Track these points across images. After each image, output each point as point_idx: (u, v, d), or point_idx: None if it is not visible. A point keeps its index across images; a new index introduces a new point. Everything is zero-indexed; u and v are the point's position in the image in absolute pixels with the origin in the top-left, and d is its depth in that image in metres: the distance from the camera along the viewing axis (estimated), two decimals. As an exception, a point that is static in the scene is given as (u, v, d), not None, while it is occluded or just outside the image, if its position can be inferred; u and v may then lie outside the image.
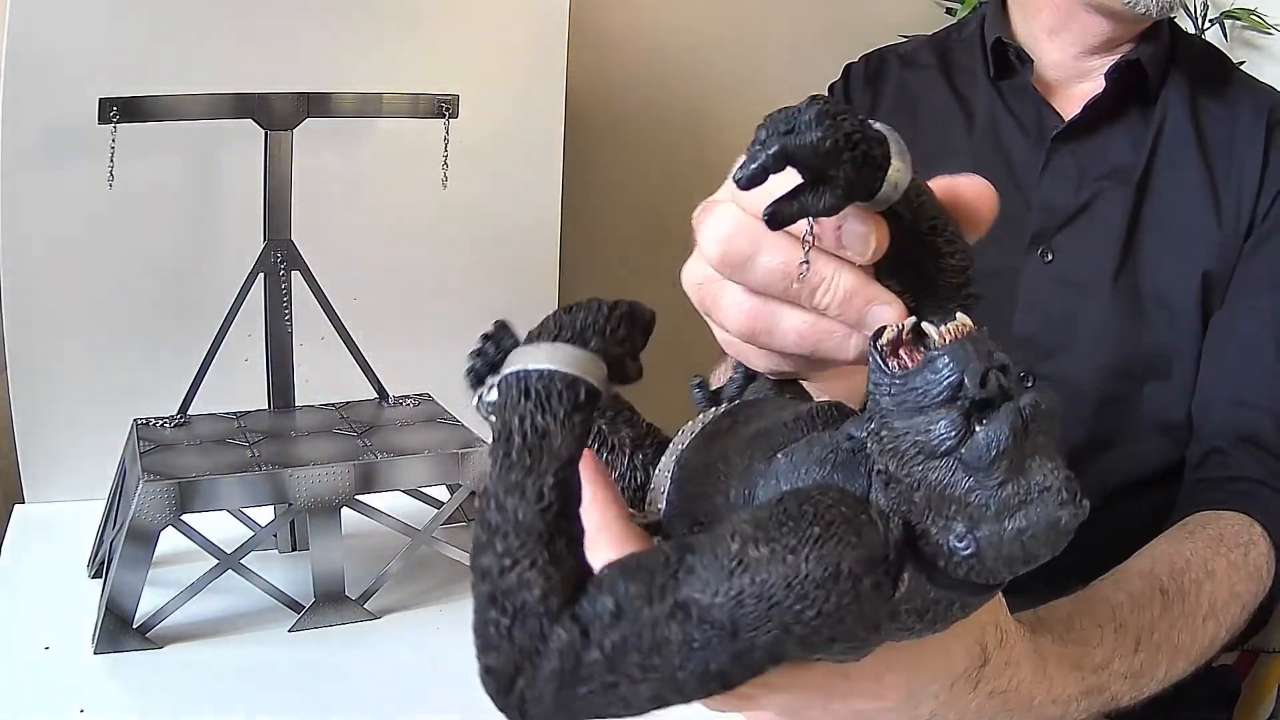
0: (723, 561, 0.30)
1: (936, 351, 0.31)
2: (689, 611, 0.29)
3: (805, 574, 0.29)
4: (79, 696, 0.71)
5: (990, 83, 0.98)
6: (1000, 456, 0.30)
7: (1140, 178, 0.91)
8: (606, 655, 0.29)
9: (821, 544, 0.30)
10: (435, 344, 1.06)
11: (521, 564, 0.30)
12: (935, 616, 0.33)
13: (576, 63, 1.23)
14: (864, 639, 0.32)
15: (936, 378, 0.31)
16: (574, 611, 0.30)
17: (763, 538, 0.30)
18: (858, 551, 0.30)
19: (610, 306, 0.34)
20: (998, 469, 0.30)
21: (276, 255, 0.92)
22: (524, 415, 0.31)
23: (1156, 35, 0.93)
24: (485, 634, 0.30)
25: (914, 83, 1.03)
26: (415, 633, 0.83)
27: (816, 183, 0.34)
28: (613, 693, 0.30)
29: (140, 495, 0.78)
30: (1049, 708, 0.52)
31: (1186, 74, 0.93)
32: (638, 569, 0.30)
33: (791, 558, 0.30)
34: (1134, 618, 0.63)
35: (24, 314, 1.01)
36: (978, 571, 0.31)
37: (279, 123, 0.91)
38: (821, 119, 0.33)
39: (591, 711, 0.30)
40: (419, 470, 0.87)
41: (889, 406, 0.32)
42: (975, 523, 0.31)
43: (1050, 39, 0.95)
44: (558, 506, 0.31)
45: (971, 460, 0.30)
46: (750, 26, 1.62)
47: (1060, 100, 0.95)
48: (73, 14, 0.97)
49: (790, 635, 0.30)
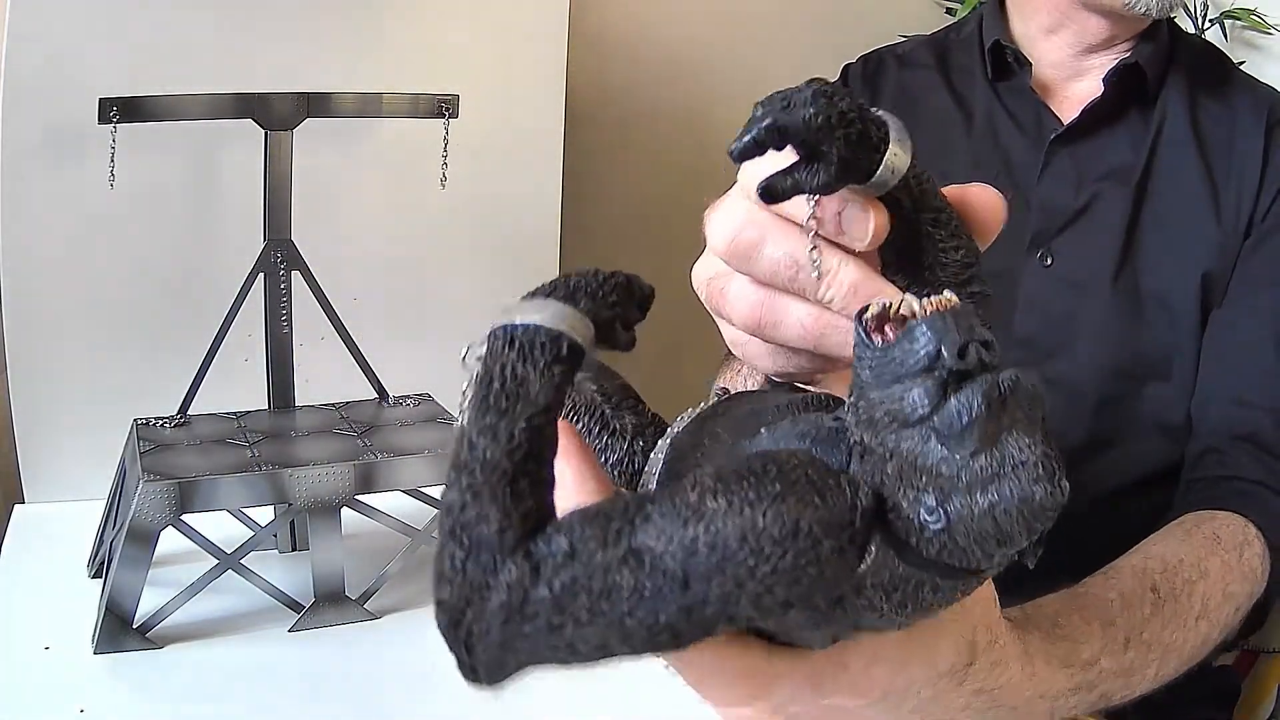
0: (680, 510, 0.29)
1: (915, 322, 0.31)
2: (641, 558, 0.29)
3: (761, 528, 0.29)
4: (79, 696, 0.71)
5: (988, 84, 0.98)
6: (972, 425, 0.30)
7: (1139, 179, 0.91)
8: (554, 595, 0.29)
9: (782, 500, 0.29)
10: (435, 344, 1.06)
11: (482, 498, 0.30)
12: (905, 598, 0.32)
13: (576, 63, 1.23)
14: (825, 612, 0.32)
15: (914, 347, 0.30)
16: (528, 549, 0.30)
17: (722, 489, 0.30)
18: (819, 512, 0.30)
19: (606, 273, 0.34)
20: (970, 438, 0.30)
21: (276, 255, 0.92)
22: (505, 364, 0.32)
23: (1155, 36, 0.93)
24: (440, 567, 0.30)
25: (912, 83, 1.03)
26: (415, 633, 0.83)
27: (811, 159, 0.34)
28: (558, 635, 0.30)
29: (140, 495, 0.78)
30: (1037, 704, 0.52)
31: (1185, 74, 0.93)
32: (597, 514, 0.30)
33: (749, 510, 0.29)
34: (1124, 616, 0.62)
35: (24, 314, 1.01)
36: (949, 550, 0.31)
37: (279, 123, 0.91)
38: (817, 97, 0.34)
39: (536, 653, 0.30)
40: (419, 470, 0.87)
41: (868, 379, 0.32)
42: (946, 495, 0.30)
43: (1048, 39, 0.95)
44: (526, 449, 0.31)
45: (943, 428, 0.30)
46: (750, 26, 1.62)
47: (1058, 101, 0.95)
48: (73, 14, 0.97)
49: (743, 591, 0.29)
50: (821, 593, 0.30)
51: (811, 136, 0.34)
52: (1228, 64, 0.98)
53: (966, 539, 0.30)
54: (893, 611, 0.33)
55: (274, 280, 0.92)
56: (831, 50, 1.29)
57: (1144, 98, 0.93)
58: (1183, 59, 0.94)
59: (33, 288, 1.01)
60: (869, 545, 0.31)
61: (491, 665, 0.31)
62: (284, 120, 0.91)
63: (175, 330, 1.04)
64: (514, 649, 0.30)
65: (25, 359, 1.02)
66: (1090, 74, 0.94)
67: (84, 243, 1.02)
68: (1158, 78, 0.92)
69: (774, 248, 0.38)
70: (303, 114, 0.91)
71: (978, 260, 0.39)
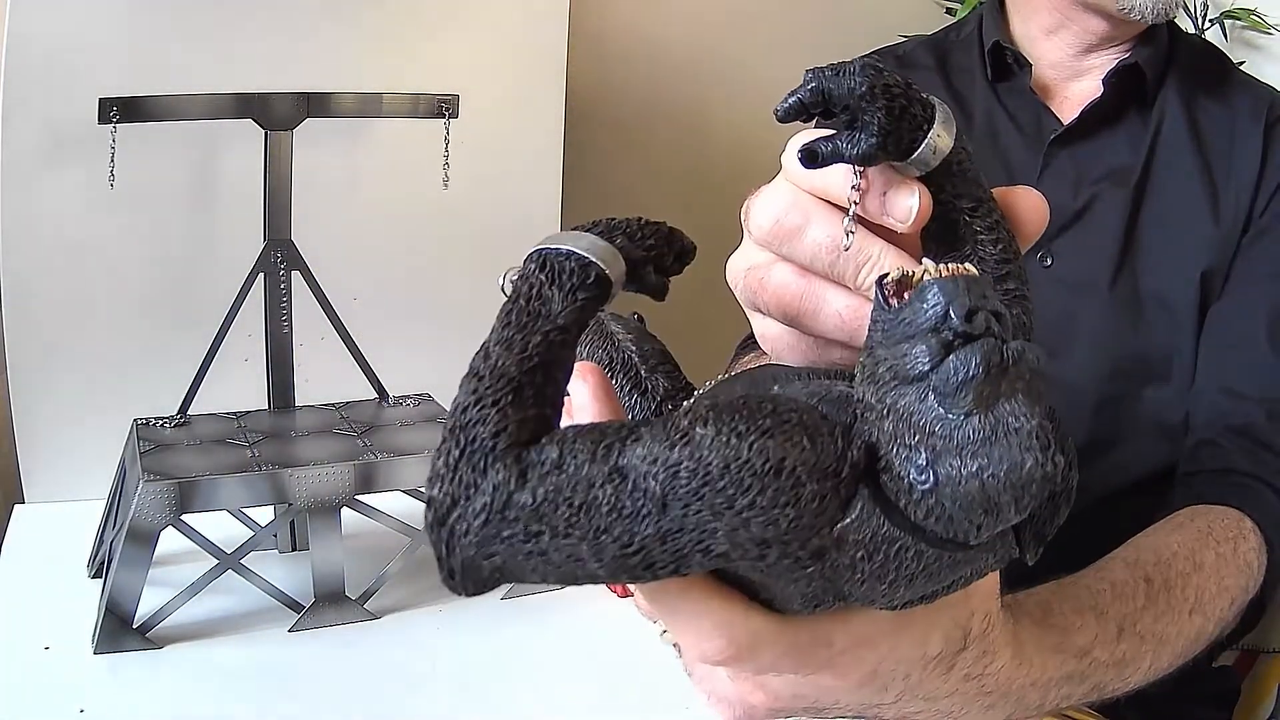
0: (669, 433, 0.30)
1: (928, 282, 0.31)
2: (625, 475, 0.30)
3: (745, 460, 0.29)
4: (79, 696, 0.71)
5: (988, 85, 0.98)
6: (968, 384, 0.29)
7: (1138, 179, 0.91)
8: (536, 501, 0.30)
9: (770, 436, 0.30)
10: (435, 344, 1.06)
11: (485, 401, 0.31)
12: (886, 561, 0.32)
13: (576, 63, 1.23)
14: (804, 563, 0.31)
15: (923, 306, 0.31)
16: (519, 454, 0.30)
17: (713, 419, 0.30)
18: (805, 454, 0.30)
19: (646, 219, 0.36)
20: (965, 398, 0.30)
21: (276, 255, 0.92)
22: (534, 283, 0.33)
23: (1155, 38, 0.93)
24: (436, 464, 0.31)
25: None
26: (415, 633, 0.83)
27: (852, 127, 0.35)
28: (534, 543, 0.30)
29: (140, 495, 0.78)
30: (1029, 693, 0.51)
31: (1184, 75, 0.93)
32: (591, 430, 0.31)
33: (735, 441, 0.29)
34: (1116, 606, 0.62)
35: (24, 314, 1.01)
36: (937, 515, 0.30)
37: (279, 123, 0.91)
38: (866, 69, 0.35)
39: (510, 561, 0.31)
40: (419, 470, 0.87)
41: (878, 339, 0.32)
42: (937, 455, 0.30)
43: (1048, 38, 0.95)
44: (537, 361, 0.31)
45: (940, 385, 0.30)
46: (750, 27, 1.62)
47: (1058, 102, 0.95)
48: (73, 14, 0.97)
49: (719, 522, 0.29)
50: (799, 538, 0.30)
51: (855, 103, 0.34)
52: (1227, 64, 0.98)
53: (953, 504, 0.30)
54: (874, 577, 0.32)
55: (274, 280, 0.92)
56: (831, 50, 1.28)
57: (1143, 98, 0.93)
58: (1182, 59, 0.94)
59: (33, 288, 1.01)
60: (854, 500, 0.31)
61: (468, 567, 0.31)
62: (284, 120, 0.91)
63: (175, 330, 1.04)
64: (490, 553, 0.30)
65: (25, 359, 1.02)
66: (1090, 74, 0.95)
67: (84, 243, 1.02)
68: (1157, 78, 0.93)
69: (817, 230, 0.38)
70: (303, 114, 0.91)
71: (1017, 258, 0.39)
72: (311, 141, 0.93)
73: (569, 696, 0.76)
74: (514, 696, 0.75)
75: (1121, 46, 0.93)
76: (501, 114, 1.15)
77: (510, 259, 0.48)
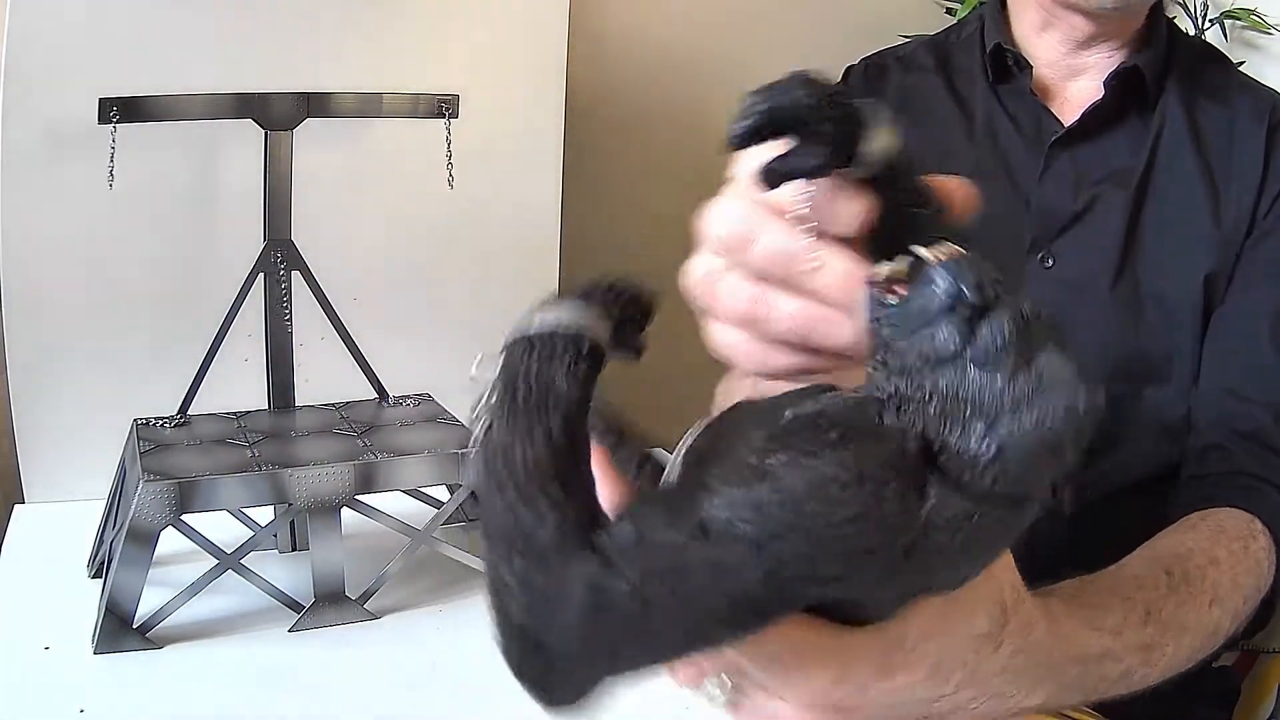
0: (741, 474, 0.29)
1: (931, 268, 0.31)
2: (710, 530, 0.28)
3: (829, 475, 0.29)
4: (79, 696, 0.71)
5: (989, 87, 0.98)
6: (1007, 347, 0.30)
7: (1140, 181, 0.91)
8: (631, 584, 0.28)
9: (842, 447, 0.29)
10: (435, 344, 1.07)
11: (534, 502, 0.29)
12: (968, 537, 0.32)
13: (576, 63, 1.23)
14: (899, 558, 0.31)
15: (935, 290, 0.31)
16: (593, 543, 0.29)
17: (778, 447, 0.29)
18: (878, 453, 0.30)
19: (613, 279, 0.35)
20: (1006, 361, 0.30)
21: (276, 255, 0.92)
22: (528, 368, 0.32)
23: (1154, 40, 0.93)
24: (500, 594, 0.29)
25: (913, 86, 1.03)
26: (415, 633, 0.83)
27: (804, 142, 0.35)
28: (642, 625, 0.29)
29: (140, 495, 0.78)
30: (1068, 667, 0.52)
31: (1185, 77, 0.93)
32: (654, 498, 0.30)
33: (812, 461, 0.29)
34: (1140, 594, 0.63)
35: (24, 314, 1.01)
36: (1003, 477, 0.31)
37: (279, 123, 0.91)
38: (805, 82, 0.35)
39: (620, 655, 0.29)
40: (419, 470, 0.87)
41: (890, 335, 0.32)
42: (993, 421, 0.30)
43: (1040, 37, 0.95)
44: (566, 445, 0.30)
45: (979, 357, 0.30)
46: (750, 26, 1.62)
47: (1058, 103, 0.96)
48: (73, 14, 0.97)
49: (821, 545, 0.29)
50: (895, 537, 0.30)
51: (805, 117, 0.34)
52: (1228, 66, 0.98)
53: (1019, 463, 0.31)
54: (959, 554, 0.32)
55: (274, 280, 0.92)
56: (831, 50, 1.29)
57: (1144, 101, 0.93)
58: (1182, 61, 0.94)
59: (33, 288, 1.01)
60: (927, 486, 0.31)
61: (576, 679, 0.30)
62: (284, 120, 0.91)
63: (175, 330, 1.04)
64: (598, 655, 0.29)
65: (25, 359, 1.02)
66: (1086, 74, 0.95)
67: (84, 243, 1.02)
68: (1157, 81, 0.93)
69: (768, 239, 0.39)
70: (303, 114, 0.91)
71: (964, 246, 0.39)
72: (311, 141, 0.93)
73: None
74: (514, 696, 0.74)
75: (1114, 44, 0.93)
76: (501, 114, 1.15)
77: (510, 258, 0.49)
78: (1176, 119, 0.92)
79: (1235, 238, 0.89)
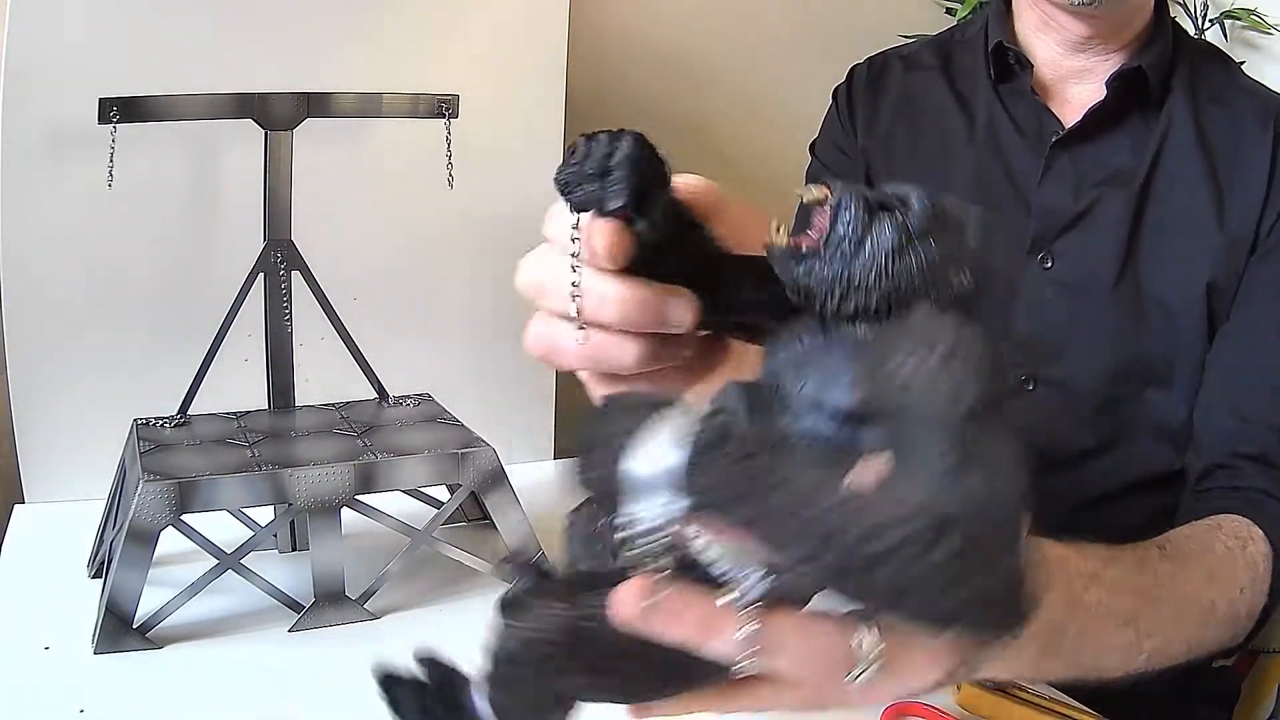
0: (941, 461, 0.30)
1: (834, 200, 0.35)
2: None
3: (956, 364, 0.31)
4: (79, 696, 0.71)
5: (991, 86, 0.98)
6: (930, 206, 0.34)
7: (1142, 183, 0.91)
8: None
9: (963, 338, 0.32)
10: (435, 344, 1.07)
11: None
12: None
13: (576, 63, 1.23)
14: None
15: (853, 207, 0.34)
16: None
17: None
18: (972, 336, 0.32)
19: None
20: (934, 215, 0.34)
21: (276, 255, 0.92)
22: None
23: (1159, 40, 0.93)
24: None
25: (916, 85, 1.03)
26: (415, 633, 0.83)
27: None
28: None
29: (140, 495, 0.78)
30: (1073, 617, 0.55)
31: (1190, 79, 0.93)
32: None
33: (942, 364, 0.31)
34: (1142, 576, 0.65)
35: (24, 314, 1.01)
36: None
37: (279, 123, 0.91)
38: (583, 143, 0.40)
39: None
40: (419, 470, 0.87)
41: (833, 271, 0.35)
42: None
43: (1037, 36, 0.95)
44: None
45: (917, 223, 0.34)
46: (750, 27, 1.62)
47: (1059, 104, 0.95)
48: (73, 14, 0.97)
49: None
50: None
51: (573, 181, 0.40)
52: (1232, 67, 0.98)
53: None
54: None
55: (274, 280, 0.92)
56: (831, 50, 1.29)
57: (1147, 102, 0.92)
58: (1187, 64, 0.94)
59: (33, 288, 1.01)
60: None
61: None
62: (284, 120, 0.91)
63: (175, 330, 1.04)
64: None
65: (25, 359, 1.02)
66: (1086, 77, 0.94)
67: (84, 243, 1.02)
68: (1161, 82, 0.92)
69: (553, 279, 0.43)
70: (303, 114, 0.91)
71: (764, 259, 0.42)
72: (311, 141, 0.93)
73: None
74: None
75: (1112, 48, 0.93)
76: (501, 114, 1.15)
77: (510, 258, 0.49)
78: (1181, 121, 0.92)
79: (1240, 246, 0.89)
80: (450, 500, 0.89)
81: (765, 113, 1.58)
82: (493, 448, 0.89)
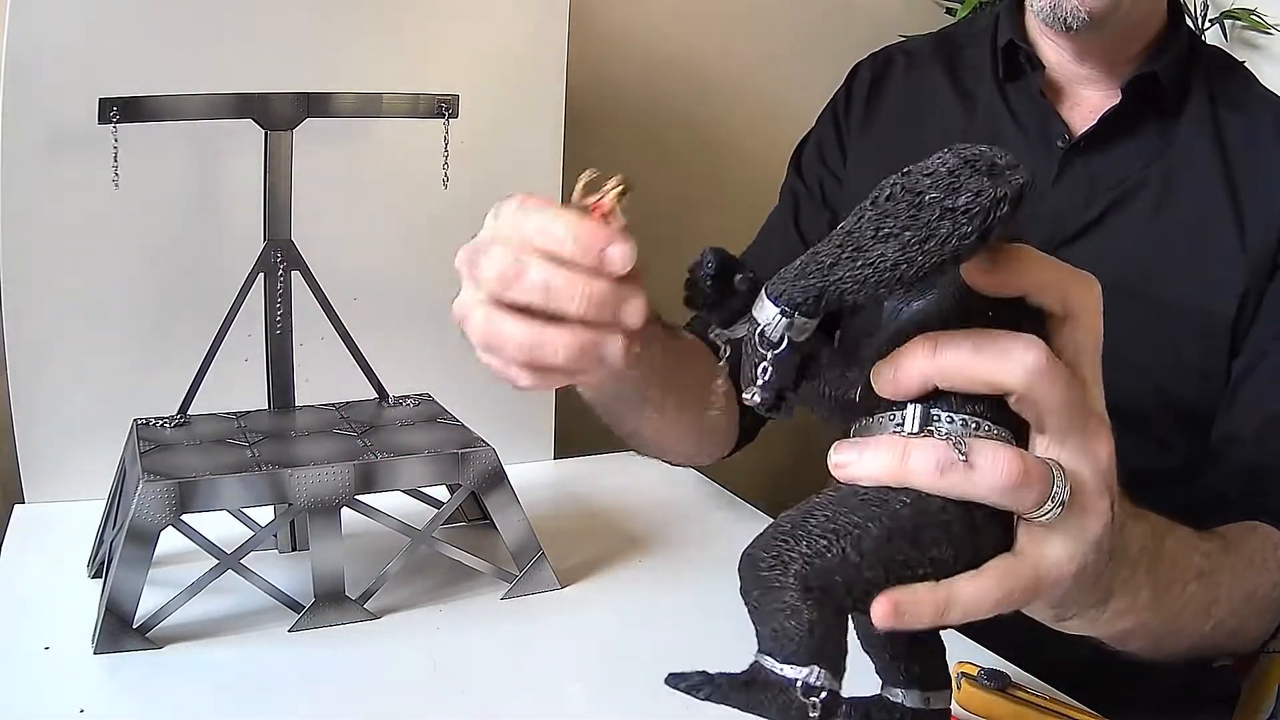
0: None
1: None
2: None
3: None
4: (79, 696, 0.71)
5: (996, 84, 0.97)
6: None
7: (1157, 191, 0.90)
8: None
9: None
10: (435, 344, 1.06)
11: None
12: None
13: (576, 63, 1.23)
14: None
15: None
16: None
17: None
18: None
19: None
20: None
21: (276, 255, 0.92)
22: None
23: (1173, 46, 0.91)
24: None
25: (919, 83, 1.03)
26: (415, 633, 0.83)
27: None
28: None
29: (140, 495, 0.78)
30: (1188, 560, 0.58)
31: (1208, 86, 0.92)
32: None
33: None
34: (1201, 540, 0.65)
35: (24, 314, 1.01)
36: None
37: (279, 123, 0.91)
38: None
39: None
40: (419, 470, 0.87)
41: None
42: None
43: (1044, 39, 0.95)
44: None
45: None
46: (750, 26, 1.62)
47: (1068, 107, 0.95)
48: (73, 14, 0.97)
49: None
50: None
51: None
52: (1249, 77, 0.96)
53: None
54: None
55: (274, 280, 0.92)
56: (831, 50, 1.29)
57: (1162, 109, 0.91)
58: (1203, 70, 0.93)
59: (33, 288, 1.01)
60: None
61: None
62: (284, 120, 0.91)
63: (175, 330, 1.04)
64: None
65: (25, 359, 1.02)
66: (1094, 84, 0.93)
67: (84, 243, 1.02)
68: (1176, 89, 0.91)
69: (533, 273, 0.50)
70: (303, 114, 0.91)
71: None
72: (311, 141, 0.93)
73: (569, 696, 0.76)
74: (514, 696, 0.75)
75: (1116, 60, 0.92)
76: (501, 114, 1.15)
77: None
78: (1198, 129, 0.90)
79: (1261, 257, 0.86)
80: (450, 500, 0.89)
81: (765, 113, 1.58)
82: (493, 448, 0.89)
